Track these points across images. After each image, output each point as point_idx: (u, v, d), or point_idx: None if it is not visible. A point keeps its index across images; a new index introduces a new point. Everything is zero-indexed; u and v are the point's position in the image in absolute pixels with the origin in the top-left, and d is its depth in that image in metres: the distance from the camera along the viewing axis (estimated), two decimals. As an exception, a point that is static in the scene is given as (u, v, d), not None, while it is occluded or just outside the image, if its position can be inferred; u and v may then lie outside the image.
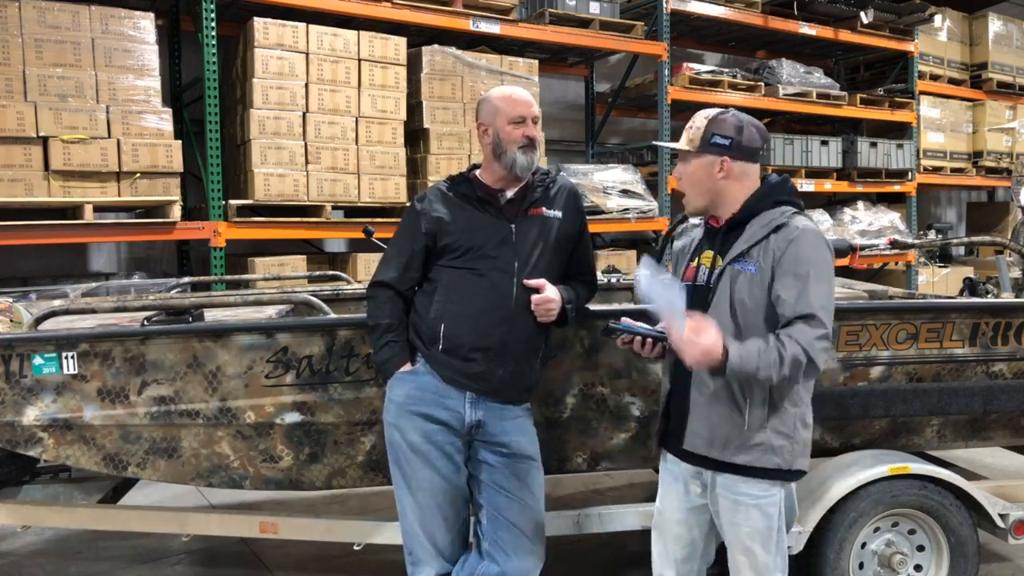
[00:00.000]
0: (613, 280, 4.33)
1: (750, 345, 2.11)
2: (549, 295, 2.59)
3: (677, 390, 2.40)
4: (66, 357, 2.84)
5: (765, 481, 2.28)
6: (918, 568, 3.18)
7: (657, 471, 2.63)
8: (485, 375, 2.57)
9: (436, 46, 6.74)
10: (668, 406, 2.45)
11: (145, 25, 5.56)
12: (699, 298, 2.32)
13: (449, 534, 2.63)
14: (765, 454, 2.26)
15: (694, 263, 2.42)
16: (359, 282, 4.77)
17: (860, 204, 9.69)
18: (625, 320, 2.33)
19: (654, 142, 2.86)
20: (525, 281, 2.59)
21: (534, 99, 2.72)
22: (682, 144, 2.37)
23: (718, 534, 2.47)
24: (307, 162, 6.10)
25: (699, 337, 2.06)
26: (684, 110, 8.47)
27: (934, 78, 10.34)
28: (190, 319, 2.96)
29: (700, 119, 2.36)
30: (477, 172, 2.75)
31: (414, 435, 2.59)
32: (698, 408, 2.31)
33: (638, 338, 2.32)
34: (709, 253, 2.37)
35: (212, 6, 5.82)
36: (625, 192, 7.65)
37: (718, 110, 2.38)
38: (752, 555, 2.32)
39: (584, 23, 7.56)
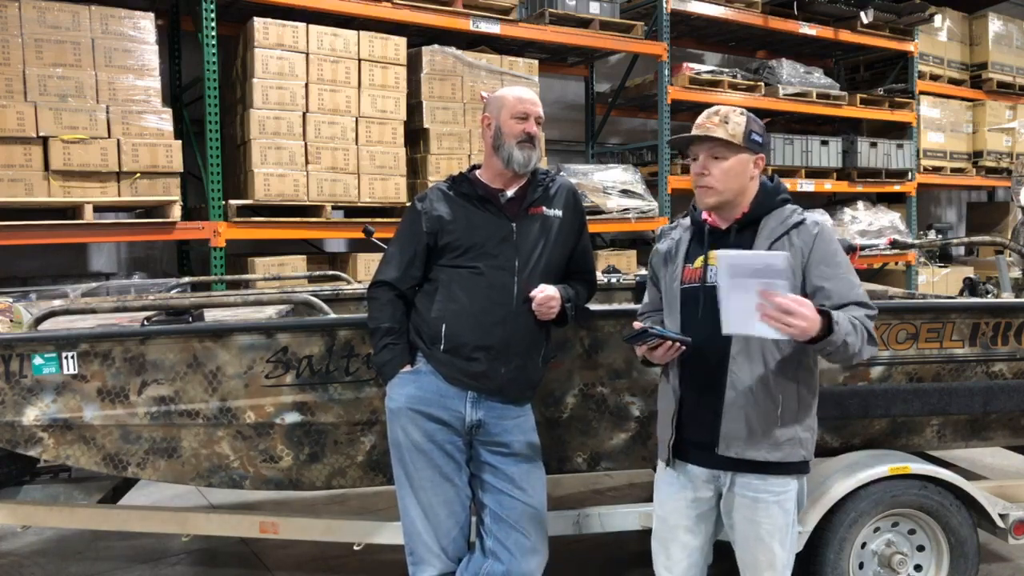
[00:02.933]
0: (613, 280, 4.33)
1: (836, 312, 2.11)
2: (549, 292, 2.60)
3: (695, 396, 2.34)
4: (66, 357, 2.84)
5: (784, 476, 2.29)
6: (918, 568, 3.18)
7: (658, 471, 2.61)
8: (488, 374, 2.57)
9: (436, 46, 6.75)
10: (680, 413, 2.37)
11: (145, 25, 5.56)
12: (712, 299, 2.29)
13: (451, 533, 2.63)
14: (794, 448, 2.27)
15: (695, 265, 2.36)
16: (359, 282, 4.77)
17: (860, 204, 9.69)
18: (640, 325, 2.28)
19: (685, 136, 2.52)
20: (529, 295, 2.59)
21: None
22: (722, 134, 2.27)
23: (717, 534, 2.46)
24: (307, 162, 6.10)
25: (806, 301, 2.03)
26: (684, 110, 8.49)
27: (934, 78, 10.35)
28: (190, 319, 2.96)
29: (736, 115, 2.29)
30: (477, 172, 2.75)
31: (417, 434, 2.59)
32: (735, 409, 2.25)
33: (665, 343, 2.23)
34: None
35: (212, 6, 5.83)
36: (625, 192, 7.65)
37: (739, 108, 2.35)
38: (771, 553, 2.30)
39: (584, 23, 7.56)
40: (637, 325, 2.29)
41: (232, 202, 5.94)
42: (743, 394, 2.25)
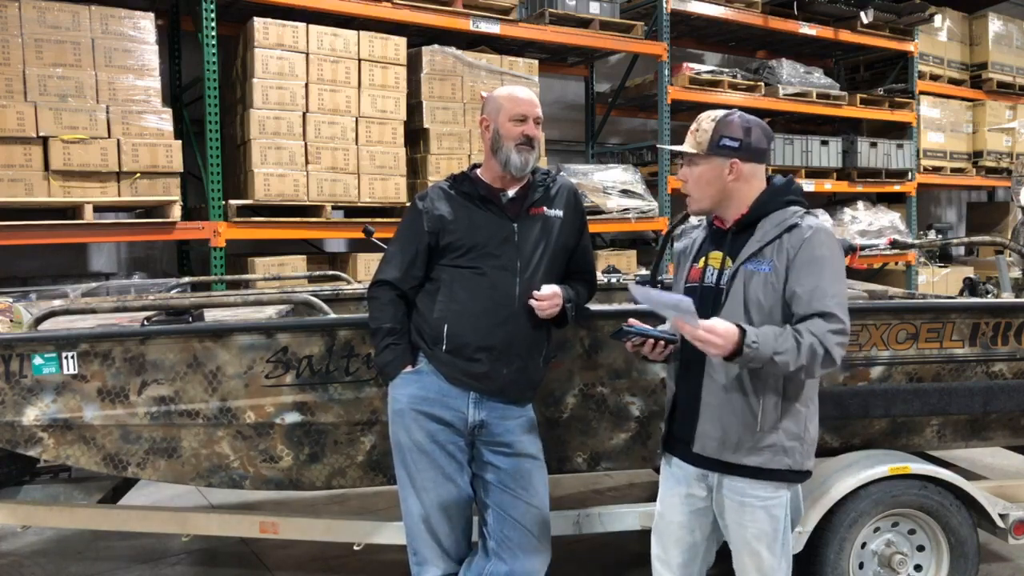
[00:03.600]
0: (613, 280, 4.33)
1: (766, 329, 2.13)
2: (554, 291, 2.60)
3: (683, 393, 2.39)
4: (66, 357, 2.84)
5: (773, 483, 2.28)
6: (918, 568, 3.18)
7: (657, 471, 2.62)
8: (490, 374, 2.58)
9: (436, 46, 6.75)
10: (673, 409, 2.44)
11: (145, 25, 5.56)
12: (708, 299, 2.31)
13: (454, 533, 2.63)
14: (776, 455, 2.26)
15: (699, 264, 2.40)
16: (359, 282, 4.77)
17: (860, 204, 9.69)
18: (633, 322, 2.30)
19: (659, 145, 2.80)
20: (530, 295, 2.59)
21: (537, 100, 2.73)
22: (689, 147, 2.34)
23: (719, 536, 2.47)
24: (307, 162, 6.10)
25: (715, 327, 2.07)
26: (684, 110, 8.49)
27: (934, 78, 10.34)
28: (190, 319, 2.96)
29: (707, 121, 2.33)
30: (478, 171, 2.75)
31: (419, 435, 2.59)
32: (709, 410, 2.28)
33: (649, 340, 2.29)
34: (717, 254, 2.35)
35: (212, 6, 5.82)
36: (625, 192, 7.65)
37: (723, 112, 2.35)
38: (758, 557, 2.32)
39: (584, 23, 7.56)
40: (631, 321, 2.31)
41: (232, 202, 5.94)
42: (718, 395, 2.27)
